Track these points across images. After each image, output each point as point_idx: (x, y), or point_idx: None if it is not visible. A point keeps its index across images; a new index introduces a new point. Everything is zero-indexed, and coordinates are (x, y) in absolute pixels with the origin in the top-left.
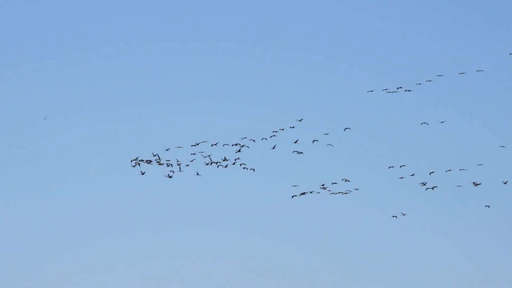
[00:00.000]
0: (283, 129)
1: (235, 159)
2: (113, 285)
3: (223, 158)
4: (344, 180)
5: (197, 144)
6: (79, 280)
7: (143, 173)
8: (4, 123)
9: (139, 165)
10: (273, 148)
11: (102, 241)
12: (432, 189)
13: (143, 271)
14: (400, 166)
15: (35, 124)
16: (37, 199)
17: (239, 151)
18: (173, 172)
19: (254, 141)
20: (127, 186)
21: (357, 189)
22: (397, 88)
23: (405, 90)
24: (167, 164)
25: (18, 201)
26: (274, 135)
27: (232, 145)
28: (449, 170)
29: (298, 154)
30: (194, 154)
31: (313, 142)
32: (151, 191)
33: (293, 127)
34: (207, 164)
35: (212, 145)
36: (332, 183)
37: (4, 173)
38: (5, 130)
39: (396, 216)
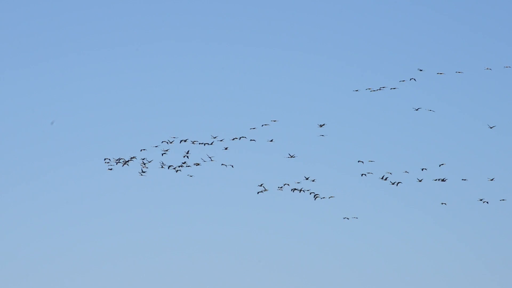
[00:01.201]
0: (254, 128)
1: (183, 163)
2: (109, 285)
3: (177, 164)
4: (311, 180)
5: (171, 142)
6: (75, 280)
7: (110, 169)
8: None
9: (108, 163)
10: (225, 149)
11: (97, 241)
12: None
13: (137, 270)
14: (369, 161)
15: (24, 127)
16: (32, 199)
17: (187, 153)
18: (147, 167)
19: (220, 140)
20: (121, 185)
21: (332, 197)
22: (380, 88)
23: (391, 88)
24: (142, 165)
25: (8, 201)
26: (243, 137)
27: (198, 143)
28: (423, 169)
29: (291, 158)
30: (165, 151)
31: (271, 140)
32: (144, 190)
33: (266, 125)
34: (162, 167)
35: (181, 141)
36: (297, 182)
37: None
38: None
39: (348, 218)
